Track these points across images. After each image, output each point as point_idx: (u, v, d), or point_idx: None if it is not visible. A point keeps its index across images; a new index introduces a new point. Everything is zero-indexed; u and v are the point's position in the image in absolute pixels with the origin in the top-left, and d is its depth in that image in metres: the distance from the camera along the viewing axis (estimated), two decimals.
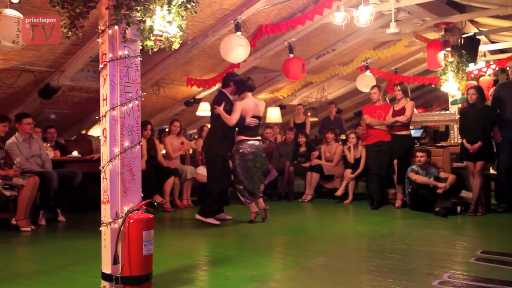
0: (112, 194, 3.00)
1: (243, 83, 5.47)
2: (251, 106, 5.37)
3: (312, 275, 3.41)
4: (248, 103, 5.37)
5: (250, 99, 5.45)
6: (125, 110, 3.03)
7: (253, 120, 5.33)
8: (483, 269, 3.44)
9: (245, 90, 5.45)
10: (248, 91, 5.46)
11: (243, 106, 5.29)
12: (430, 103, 14.81)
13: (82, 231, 5.26)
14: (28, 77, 6.42)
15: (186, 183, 7.00)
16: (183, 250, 4.28)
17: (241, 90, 5.47)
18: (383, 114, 6.52)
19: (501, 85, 6.31)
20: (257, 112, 5.41)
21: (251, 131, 5.39)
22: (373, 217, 5.86)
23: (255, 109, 5.40)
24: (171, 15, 3.02)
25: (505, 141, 5.83)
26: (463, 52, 7.81)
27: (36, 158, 5.58)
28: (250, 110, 5.33)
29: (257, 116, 5.40)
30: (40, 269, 3.67)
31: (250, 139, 5.36)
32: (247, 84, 5.46)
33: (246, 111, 5.30)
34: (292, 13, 6.77)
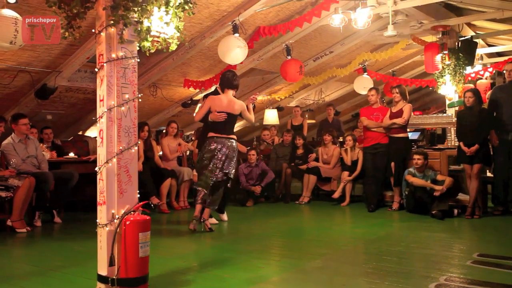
0: (108, 196, 2.99)
1: (223, 80, 5.27)
2: (224, 102, 5.11)
3: (308, 278, 3.40)
4: (221, 99, 5.13)
5: (226, 95, 5.18)
6: (122, 111, 3.02)
7: (218, 114, 5.02)
8: (479, 272, 3.44)
9: (225, 87, 5.23)
10: (228, 89, 5.21)
11: (212, 102, 5.09)
12: (427, 106, 14.83)
13: (78, 232, 5.24)
14: (25, 78, 6.40)
15: (183, 184, 6.98)
16: (179, 252, 4.26)
17: (222, 86, 5.27)
18: (381, 117, 6.53)
19: (498, 88, 6.33)
20: (228, 109, 5.09)
21: (222, 127, 5.09)
22: (370, 219, 5.85)
23: (227, 106, 5.10)
24: (169, 16, 3.01)
25: (501, 144, 5.84)
26: (460, 55, 7.84)
27: (32, 159, 5.55)
28: (219, 106, 5.06)
29: (226, 113, 5.07)
30: (35, 270, 3.64)
31: (220, 136, 5.07)
32: (227, 81, 5.23)
33: (214, 106, 5.05)
34: (290, 15, 6.77)
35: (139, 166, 6.27)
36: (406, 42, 8.33)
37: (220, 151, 5.04)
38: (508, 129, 5.82)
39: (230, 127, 5.20)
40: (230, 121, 5.18)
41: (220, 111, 5.05)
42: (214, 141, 5.07)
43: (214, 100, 5.13)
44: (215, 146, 5.04)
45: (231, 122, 5.20)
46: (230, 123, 5.20)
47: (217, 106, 5.07)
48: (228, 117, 5.11)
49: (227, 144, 5.07)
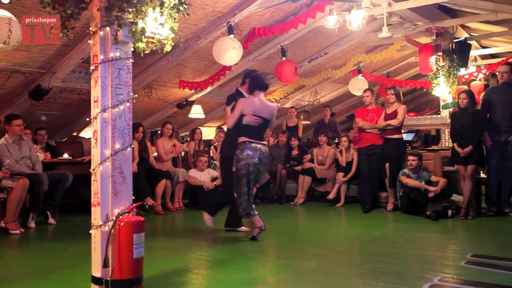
0: (102, 197, 2.98)
1: (253, 81, 4.83)
2: (257, 105, 4.68)
3: (304, 279, 3.40)
4: (254, 102, 4.70)
5: (257, 98, 4.75)
6: (116, 112, 3.01)
7: (254, 118, 4.59)
8: (473, 272, 3.45)
9: (255, 89, 4.78)
10: (258, 90, 4.78)
11: (245, 105, 4.65)
12: (422, 107, 14.89)
13: (72, 234, 5.21)
14: (19, 78, 6.37)
15: (178, 185, 6.97)
16: (174, 253, 4.25)
17: (252, 88, 4.82)
18: (375, 118, 6.55)
19: (491, 89, 6.38)
20: (262, 113, 4.68)
21: (255, 132, 4.65)
22: (364, 220, 5.87)
23: (261, 110, 4.68)
24: (163, 17, 3.01)
25: (494, 145, 5.88)
26: (455, 56, 7.88)
27: (26, 160, 5.52)
28: (253, 109, 4.62)
29: (261, 117, 4.65)
30: (29, 272, 3.63)
31: (253, 141, 4.62)
32: (257, 82, 4.81)
33: (247, 109, 4.62)
34: (285, 16, 6.78)
35: (134, 167, 6.25)
36: (400, 44, 8.37)
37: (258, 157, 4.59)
38: (501, 130, 5.86)
39: (261, 131, 4.79)
40: (263, 127, 4.77)
41: (256, 115, 4.62)
42: (250, 148, 4.58)
43: (246, 103, 4.70)
44: (251, 153, 4.57)
45: (263, 128, 4.79)
46: (263, 128, 4.80)
47: (251, 110, 4.63)
48: (262, 122, 4.71)
49: (263, 151, 4.65)
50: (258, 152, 4.60)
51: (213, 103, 9.54)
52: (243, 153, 4.57)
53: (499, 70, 6.15)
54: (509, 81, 6.00)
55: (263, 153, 4.64)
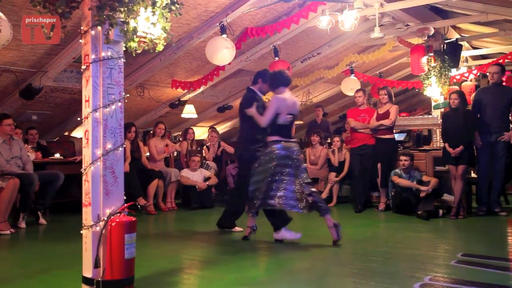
0: (93, 197, 2.97)
1: (280, 78, 4.63)
2: (289, 102, 4.53)
3: (296, 278, 3.41)
4: (286, 99, 4.54)
5: (286, 94, 4.59)
6: (107, 112, 3.00)
7: (288, 117, 4.49)
8: (463, 271, 3.48)
9: (279, 85, 4.59)
10: (283, 86, 4.60)
11: (281, 102, 4.49)
12: (414, 107, 14.97)
13: (63, 234, 5.18)
14: (9, 77, 6.32)
15: (170, 185, 6.95)
16: (166, 253, 4.24)
17: (275, 85, 4.62)
18: (368, 118, 6.58)
19: (481, 90, 6.43)
20: (294, 110, 4.58)
21: (285, 130, 4.56)
22: (356, 220, 5.89)
23: (293, 107, 4.57)
24: (155, 17, 3.00)
25: (484, 145, 5.93)
26: (446, 57, 7.93)
27: (17, 160, 5.47)
28: (287, 108, 4.50)
29: (292, 114, 4.57)
30: (20, 273, 3.60)
31: (284, 139, 4.50)
32: (282, 78, 4.63)
33: (282, 108, 4.48)
34: (277, 16, 6.79)
35: (126, 167, 6.23)
36: (392, 44, 8.41)
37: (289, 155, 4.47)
38: (491, 131, 5.91)
39: (290, 129, 4.69)
40: (292, 124, 4.71)
41: (289, 113, 4.52)
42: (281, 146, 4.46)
43: (283, 101, 4.51)
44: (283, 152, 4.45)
45: (292, 125, 4.72)
46: (292, 125, 4.72)
47: (285, 108, 4.48)
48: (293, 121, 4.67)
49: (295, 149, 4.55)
50: (290, 150, 4.48)
51: (205, 103, 9.53)
52: (275, 152, 4.43)
53: (489, 71, 6.20)
54: (499, 81, 6.06)
55: (295, 150, 4.52)
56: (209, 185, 7.09)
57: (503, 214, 5.84)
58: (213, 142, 8.17)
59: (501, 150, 5.87)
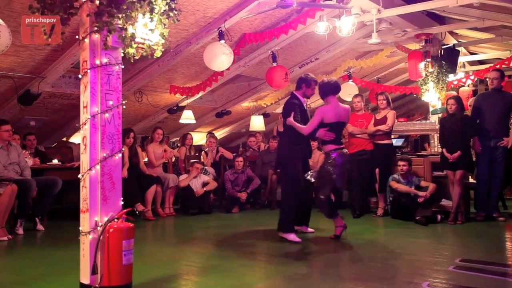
0: (91, 203, 2.97)
1: (328, 86, 4.86)
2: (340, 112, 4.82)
3: (293, 284, 3.40)
4: (332, 109, 4.79)
5: (336, 103, 4.85)
6: (105, 118, 3.01)
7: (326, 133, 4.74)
8: (461, 277, 3.48)
9: (331, 93, 4.85)
10: (334, 95, 4.88)
11: (326, 114, 4.75)
12: (412, 113, 15.02)
13: (61, 240, 5.16)
14: (7, 83, 6.31)
15: (169, 191, 6.94)
16: (164, 260, 4.23)
17: (328, 93, 4.85)
18: (365, 123, 6.60)
19: (481, 96, 6.44)
20: (341, 117, 4.84)
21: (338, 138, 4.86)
22: (355, 225, 5.88)
23: (341, 115, 4.83)
24: (153, 23, 3.01)
25: (484, 151, 5.94)
26: (443, 62, 7.96)
27: (15, 166, 5.46)
28: (333, 117, 4.76)
29: (340, 122, 4.84)
30: (17, 280, 3.58)
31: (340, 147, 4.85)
32: (335, 86, 4.88)
33: (328, 118, 4.75)
34: (275, 22, 6.82)
35: (124, 172, 6.22)
36: (390, 50, 8.45)
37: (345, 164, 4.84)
38: (490, 136, 5.92)
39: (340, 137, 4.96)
40: (341, 131, 5.01)
41: (336, 121, 4.78)
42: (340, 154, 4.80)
43: (328, 112, 4.77)
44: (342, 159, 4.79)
45: (341, 131, 5.02)
46: (341, 132, 5.02)
47: (331, 118, 4.76)
48: (341, 127, 4.97)
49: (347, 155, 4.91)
50: (346, 156, 4.89)
51: (204, 108, 9.54)
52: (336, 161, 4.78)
53: (489, 76, 6.22)
54: (499, 87, 6.08)
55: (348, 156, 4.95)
56: (207, 191, 7.08)
57: (501, 219, 5.84)
58: (211, 148, 8.17)
59: (500, 156, 5.88)
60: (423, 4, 6.38)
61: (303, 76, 5.21)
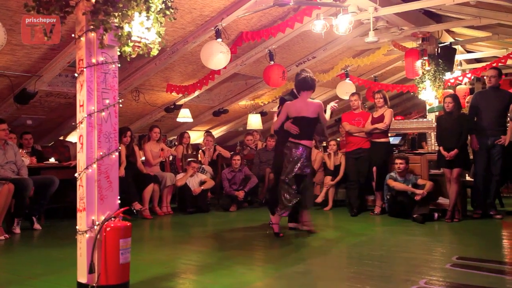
0: (88, 202, 2.96)
1: (297, 82, 5.01)
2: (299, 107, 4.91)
3: (291, 283, 3.40)
4: (295, 104, 4.93)
5: (301, 99, 4.96)
6: (102, 116, 3.00)
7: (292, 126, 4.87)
8: (458, 275, 3.49)
9: (300, 89, 4.98)
10: (303, 91, 4.97)
11: (288, 108, 4.94)
12: (409, 111, 15.05)
13: (58, 239, 5.15)
14: (3, 82, 6.29)
15: (166, 190, 6.93)
16: (161, 258, 4.23)
17: (297, 89, 5.02)
18: (362, 122, 6.60)
19: (478, 94, 6.44)
20: (303, 112, 4.91)
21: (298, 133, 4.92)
22: (352, 223, 5.90)
23: (302, 110, 4.91)
24: (150, 22, 3.01)
25: (481, 149, 5.95)
26: (440, 61, 7.98)
27: (11, 165, 5.45)
28: (295, 112, 4.89)
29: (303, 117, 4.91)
30: (14, 279, 3.57)
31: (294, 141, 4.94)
32: (302, 83, 4.97)
33: (291, 113, 4.92)
34: (272, 20, 6.81)
35: (121, 171, 6.21)
36: (387, 48, 8.46)
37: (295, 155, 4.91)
38: (487, 134, 5.93)
39: (306, 131, 5.00)
40: (307, 125, 4.99)
41: (296, 116, 4.89)
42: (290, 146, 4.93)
43: (290, 106, 4.94)
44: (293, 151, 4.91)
45: (308, 126, 5.01)
46: (307, 127, 5.01)
47: (293, 112, 4.92)
48: (305, 121, 4.95)
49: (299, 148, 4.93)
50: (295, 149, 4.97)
51: (201, 107, 9.53)
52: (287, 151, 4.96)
53: (487, 75, 6.23)
54: (496, 85, 6.09)
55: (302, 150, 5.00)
56: (204, 189, 7.08)
57: (498, 217, 5.86)
58: (208, 146, 8.17)
59: (498, 154, 5.89)
60: (420, 2, 6.40)
61: (301, 73, 5.20)
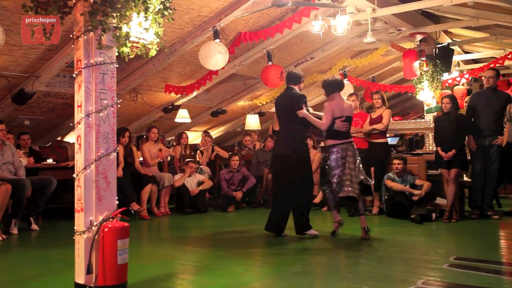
0: (86, 202, 2.96)
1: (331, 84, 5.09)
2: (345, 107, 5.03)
3: (289, 283, 3.40)
4: (340, 103, 5.02)
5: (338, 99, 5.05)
6: (100, 117, 3.00)
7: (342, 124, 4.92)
8: (456, 275, 3.50)
9: (334, 90, 5.06)
10: (337, 91, 5.08)
11: (332, 109, 4.95)
12: (407, 111, 15.08)
13: (55, 240, 5.14)
14: (1, 82, 6.28)
15: (164, 190, 6.93)
16: (159, 259, 4.22)
17: (332, 90, 5.07)
18: (360, 122, 6.61)
19: (476, 94, 6.46)
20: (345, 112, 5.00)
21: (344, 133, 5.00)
22: (350, 224, 5.89)
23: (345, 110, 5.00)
24: (148, 22, 3.01)
25: (479, 149, 5.96)
26: (438, 61, 7.99)
27: (9, 165, 5.44)
28: (339, 112, 4.96)
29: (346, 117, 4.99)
30: (11, 280, 3.56)
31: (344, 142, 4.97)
32: (336, 84, 5.08)
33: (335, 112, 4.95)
34: (270, 21, 6.81)
35: (119, 172, 6.20)
36: (385, 49, 8.47)
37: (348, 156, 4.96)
38: (485, 135, 5.94)
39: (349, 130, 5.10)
40: (350, 124, 5.11)
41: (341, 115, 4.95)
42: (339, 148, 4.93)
43: (334, 107, 4.97)
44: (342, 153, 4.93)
45: (349, 125, 5.12)
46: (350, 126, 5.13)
47: (337, 112, 4.94)
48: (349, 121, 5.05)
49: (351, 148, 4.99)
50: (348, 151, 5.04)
51: (199, 107, 9.53)
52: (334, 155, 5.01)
53: (485, 75, 6.24)
54: (494, 86, 6.11)
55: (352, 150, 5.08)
56: (202, 190, 7.08)
57: (495, 217, 5.87)
58: (206, 147, 8.16)
59: (495, 154, 5.90)
60: (417, 3, 6.41)
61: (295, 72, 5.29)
